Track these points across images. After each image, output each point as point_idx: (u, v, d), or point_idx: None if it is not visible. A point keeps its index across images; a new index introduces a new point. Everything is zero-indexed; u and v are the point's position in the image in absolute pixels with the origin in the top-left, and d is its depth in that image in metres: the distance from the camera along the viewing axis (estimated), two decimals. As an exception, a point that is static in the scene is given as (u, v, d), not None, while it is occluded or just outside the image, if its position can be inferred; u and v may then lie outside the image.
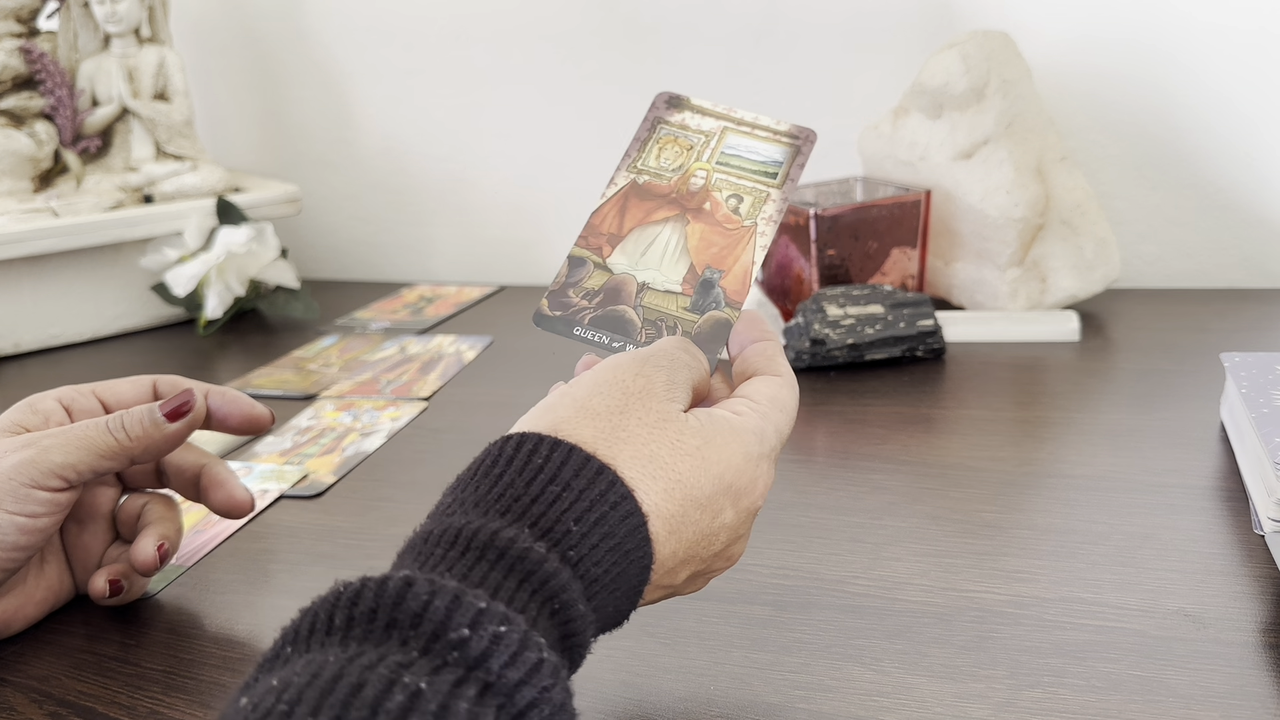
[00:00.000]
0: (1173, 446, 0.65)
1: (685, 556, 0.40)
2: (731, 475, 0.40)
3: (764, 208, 0.50)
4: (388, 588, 0.31)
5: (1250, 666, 0.45)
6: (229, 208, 1.03)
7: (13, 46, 1.02)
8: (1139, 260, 1.00)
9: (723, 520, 0.40)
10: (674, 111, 0.53)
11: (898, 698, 0.44)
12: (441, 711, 0.28)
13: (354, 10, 1.19)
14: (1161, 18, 0.95)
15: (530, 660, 0.30)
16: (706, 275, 0.49)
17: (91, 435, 0.49)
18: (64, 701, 0.47)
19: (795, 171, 0.51)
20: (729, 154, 0.52)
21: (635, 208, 0.50)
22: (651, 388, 0.41)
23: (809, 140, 0.52)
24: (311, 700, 0.27)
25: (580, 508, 0.36)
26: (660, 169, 0.51)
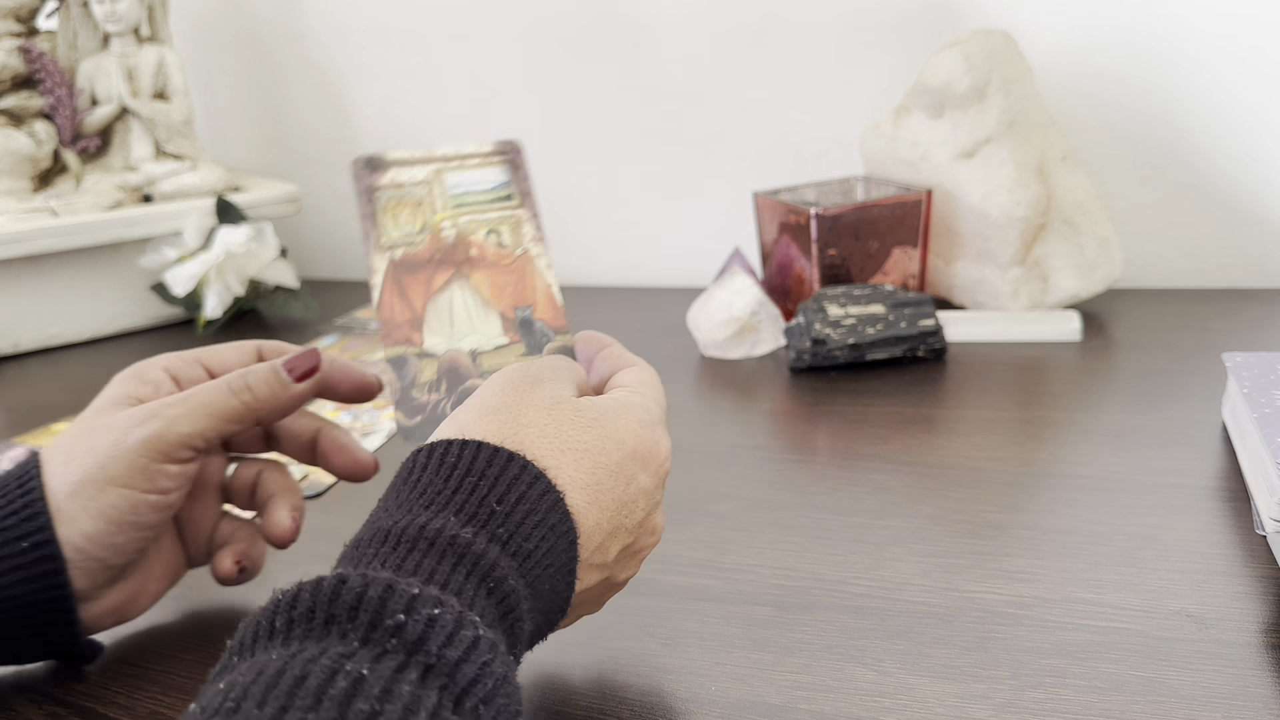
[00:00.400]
0: (1174, 446, 0.65)
1: (610, 528, 0.41)
2: (633, 441, 0.42)
3: (523, 231, 0.50)
4: (323, 586, 0.31)
5: (1252, 667, 0.45)
6: (228, 207, 1.03)
7: (12, 46, 1.02)
8: (1141, 260, 1.00)
9: (638, 485, 0.42)
10: (379, 174, 0.51)
11: (899, 698, 0.44)
12: (385, 695, 0.28)
13: (353, 10, 1.19)
14: (1162, 18, 0.95)
15: (467, 638, 0.31)
16: (520, 316, 0.49)
17: (215, 400, 0.47)
18: (63, 701, 0.47)
19: (525, 185, 0.51)
20: (457, 194, 0.51)
21: (411, 284, 0.49)
22: (540, 377, 0.43)
23: (517, 151, 0.52)
24: (257, 695, 0.28)
25: (499, 490, 0.37)
26: (407, 236, 0.50)
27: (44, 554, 0.45)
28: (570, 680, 0.47)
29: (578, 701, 0.45)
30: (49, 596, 0.45)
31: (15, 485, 0.46)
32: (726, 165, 1.09)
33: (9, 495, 0.46)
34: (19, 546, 0.45)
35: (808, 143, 1.06)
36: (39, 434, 0.79)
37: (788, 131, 1.06)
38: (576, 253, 1.16)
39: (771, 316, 0.87)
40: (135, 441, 0.45)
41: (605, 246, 1.15)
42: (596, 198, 1.14)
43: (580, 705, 0.45)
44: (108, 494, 0.45)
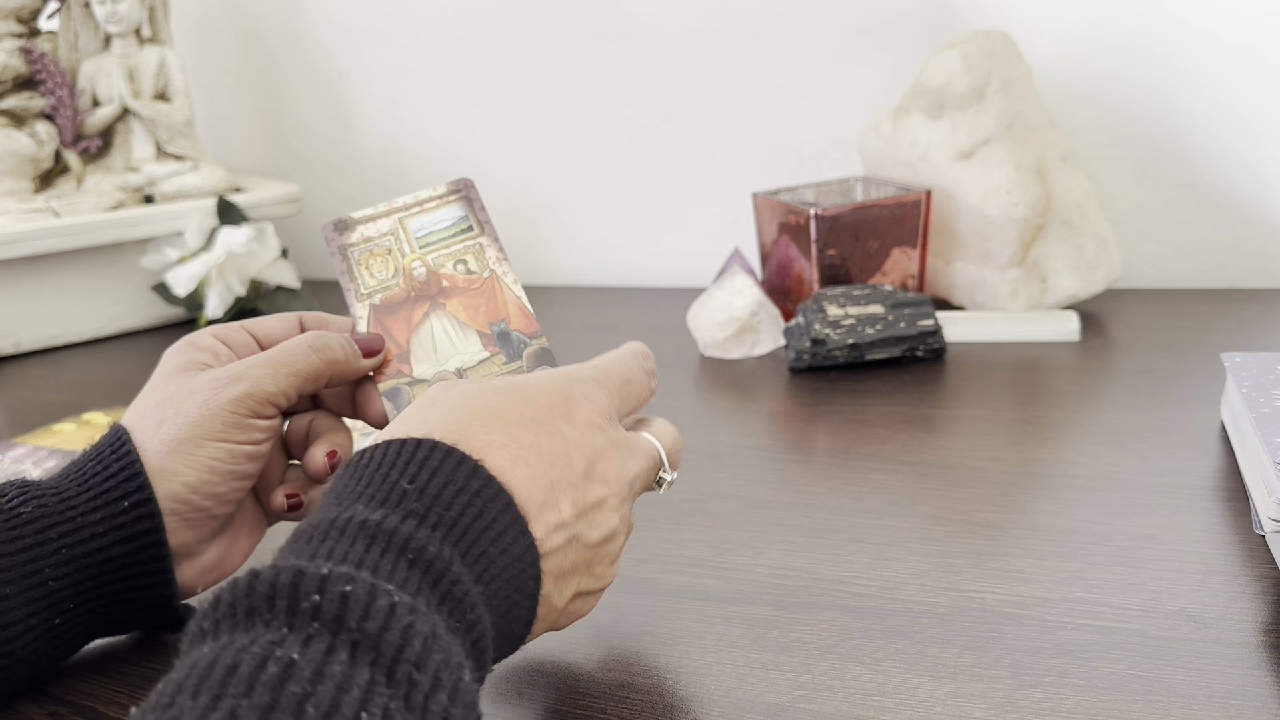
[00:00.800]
0: (1173, 446, 0.65)
1: (548, 481, 0.40)
2: (545, 397, 0.42)
3: (487, 255, 0.54)
4: (238, 583, 0.32)
5: (1251, 667, 0.45)
6: (229, 208, 1.03)
7: (13, 47, 1.02)
8: (1140, 260, 1.00)
9: (564, 436, 0.42)
10: (348, 234, 0.56)
11: (899, 698, 0.44)
12: (316, 677, 0.29)
13: (353, 10, 1.19)
14: (1161, 19, 0.95)
15: (382, 607, 0.31)
16: (497, 329, 0.53)
17: (299, 359, 0.49)
18: (64, 701, 0.47)
19: (482, 214, 0.56)
20: (421, 236, 0.55)
21: (393, 324, 0.53)
22: (453, 384, 0.44)
23: (469, 186, 0.56)
24: (190, 687, 0.28)
25: (410, 472, 0.38)
26: (383, 283, 0.54)
27: (143, 512, 0.47)
28: (570, 679, 0.47)
29: (577, 701, 0.45)
30: (148, 556, 0.48)
31: (109, 451, 0.48)
32: (726, 166, 1.09)
33: (104, 460, 0.48)
34: (120, 506, 0.47)
35: (807, 143, 1.06)
36: (40, 434, 0.79)
37: (787, 132, 1.06)
38: (577, 253, 1.16)
39: (771, 317, 0.87)
40: (227, 399, 0.48)
41: (605, 246, 1.15)
42: (596, 198, 1.14)
43: (579, 704, 0.45)
44: (207, 448, 0.48)
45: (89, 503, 0.47)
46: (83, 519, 0.47)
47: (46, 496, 0.47)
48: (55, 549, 0.46)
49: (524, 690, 0.46)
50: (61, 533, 0.46)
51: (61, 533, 0.46)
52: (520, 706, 0.45)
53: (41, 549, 0.46)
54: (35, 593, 0.45)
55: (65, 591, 0.46)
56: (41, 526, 0.46)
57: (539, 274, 1.16)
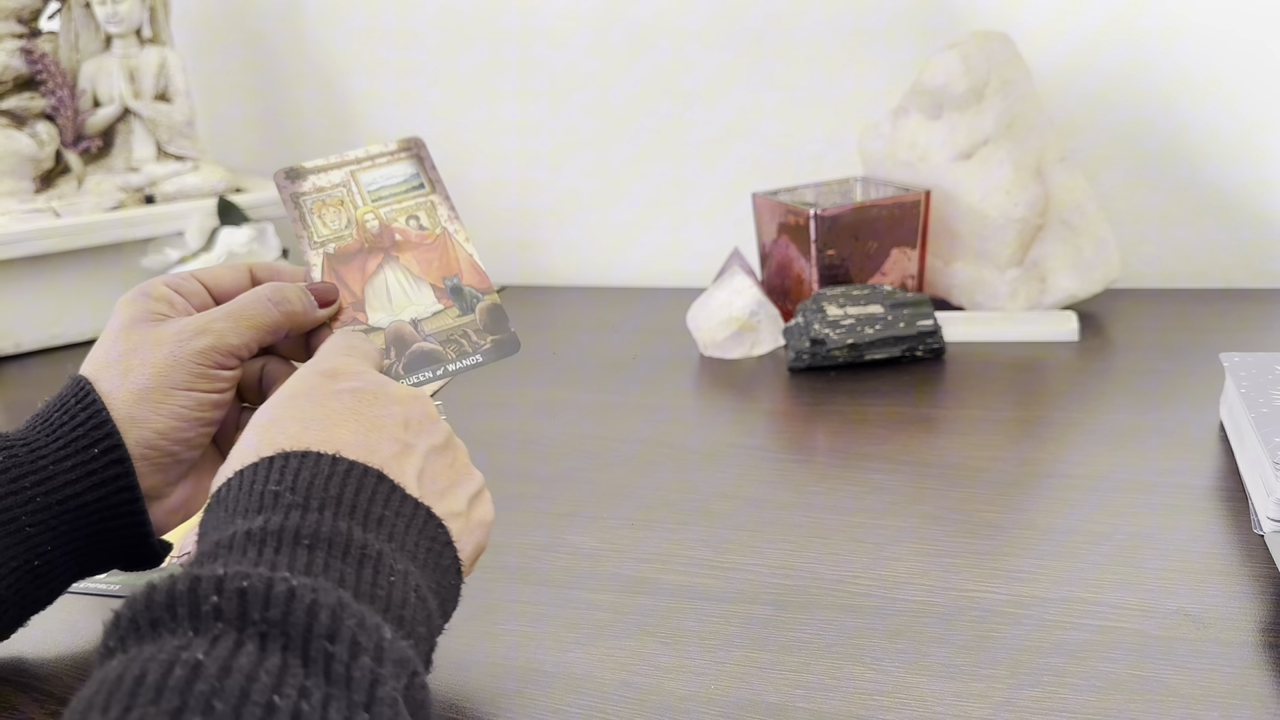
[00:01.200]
0: (1172, 446, 0.65)
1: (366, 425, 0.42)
2: (301, 382, 0.45)
3: (438, 212, 0.56)
4: (136, 598, 0.32)
5: (1250, 666, 0.45)
6: (230, 208, 1.04)
7: (14, 47, 1.02)
8: (1138, 260, 1.00)
9: (346, 388, 0.44)
10: (300, 182, 0.57)
11: (898, 697, 0.44)
12: (223, 672, 0.29)
13: (354, 11, 1.19)
14: (1161, 18, 0.95)
15: (281, 593, 0.32)
16: (449, 284, 0.54)
17: (259, 312, 0.51)
18: (65, 701, 0.47)
19: (434, 173, 0.57)
20: (373, 189, 0.57)
21: (348, 273, 0.55)
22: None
23: (420, 145, 0.58)
24: (100, 703, 0.28)
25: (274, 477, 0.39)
26: (337, 233, 0.56)
27: (113, 458, 0.48)
28: (570, 678, 0.47)
29: (576, 700, 0.45)
30: (121, 499, 0.49)
31: (74, 401, 0.50)
32: (726, 166, 1.09)
33: (70, 410, 0.49)
34: (91, 453, 0.48)
35: (807, 144, 1.06)
36: (41, 434, 0.79)
37: (787, 132, 1.07)
38: (577, 253, 1.16)
39: (770, 317, 0.87)
40: (192, 351, 0.49)
41: (605, 246, 1.15)
42: (596, 198, 1.14)
43: (579, 704, 0.45)
44: (175, 397, 0.49)
45: (58, 451, 0.48)
46: (54, 467, 0.48)
47: (16, 447, 0.48)
48: (29, 497, 0.47)
49: (524, 690, 0.46)
50: (34, 481, 0.47)
51: (34, 481, 0.47)
52: (520, 706, 0.45)
53: (15, 498, 0.47)
54: (12, 539, 0.46)
55: (42, 536, 0.47)
56: (13, 476, 0.47)
57: (539, 274, 1.16)
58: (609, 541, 0.58)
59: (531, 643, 0.49)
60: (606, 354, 0.90)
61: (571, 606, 0.52)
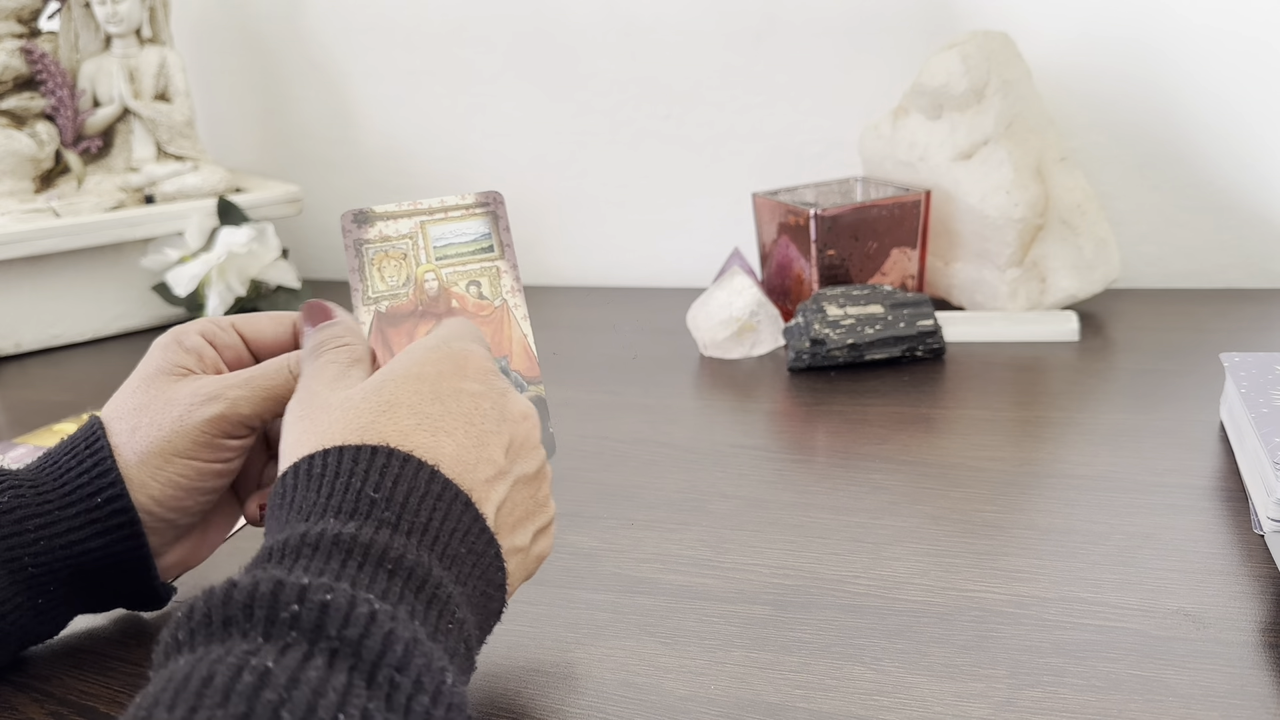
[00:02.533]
0: (1172, 446, 0.66)
1: (474, 440, 0.41)
2: (433, 366, 0.42)
3: (501, 282, 0.53)
4: (214, 593, 0.32)
5: (1250, 666, 0.45)
6: (230, 208, 1.04)
7: (14, 47, 1.02)
8: (1139, 260, 1.00)
9: (468, 392, 0.42)
10: (367, 228, 0.53)
11: (898, 697, 0.44)
12: (292, 683, 0.29)
13: (354, 11, 1.19)
14: (1161, 18, 0.95)
15: (363, 615, 0.31)
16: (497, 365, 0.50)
17: (278, 384, 0.49)
18: (65, 701, 0.48)
19: (505, 235, 0.53)
20: (440, 246, 0.53)
21: (395, 337, 0.51)
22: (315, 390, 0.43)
23: (498, 201, 0.54)
24: (166, 701, 0.28)
25: (374, 480, 0.38)
26: (393, 289, 0.52)
27: (118, 507, 0.48)
28: (570, 678, 0.47)
29: (577, 700, 0.45)
30: (126, 548, 0.48)
31: (84, 446, 0.49)
32: (726, 166, 1.09)
33: (79, 455, 0.48)
34: (94, 502, 0.48)
35: (807, 144, 1.06)
36: (41, 434, 0.79)
37: (787, 132, 1.07)
38: (577, 253, 1.16)
39: (770, 317, 0.87)
40: (200, 419, 0.48)
41: (605, 246, 1.16)
42: (596, 198, 1.15)
43: (579, 703, 0.45)
44: (174, 464, 0.48)
45: (64, 497, 0.48)
46: (59, 513, 0.47)
47: (24, 487, 0.48)
48: (33, 539, 0.47)
49: (524, 690, 0.46)
50: (38, 524, 0.47)
51: (38, 524, 0.47)
52: (520, 706, 0.45)
53: (19, 538, 0.46)
54: (16, 576, 0.46)
55: (45, 577, 0.47)
56: (18, 517, 0.47)
57: (539, 274, 1.16)
58: (609, 541, 0.58)
59: (531, 643, 0.49)
60: (606, 354, 0.90)
61: (571, 606, 0.52)
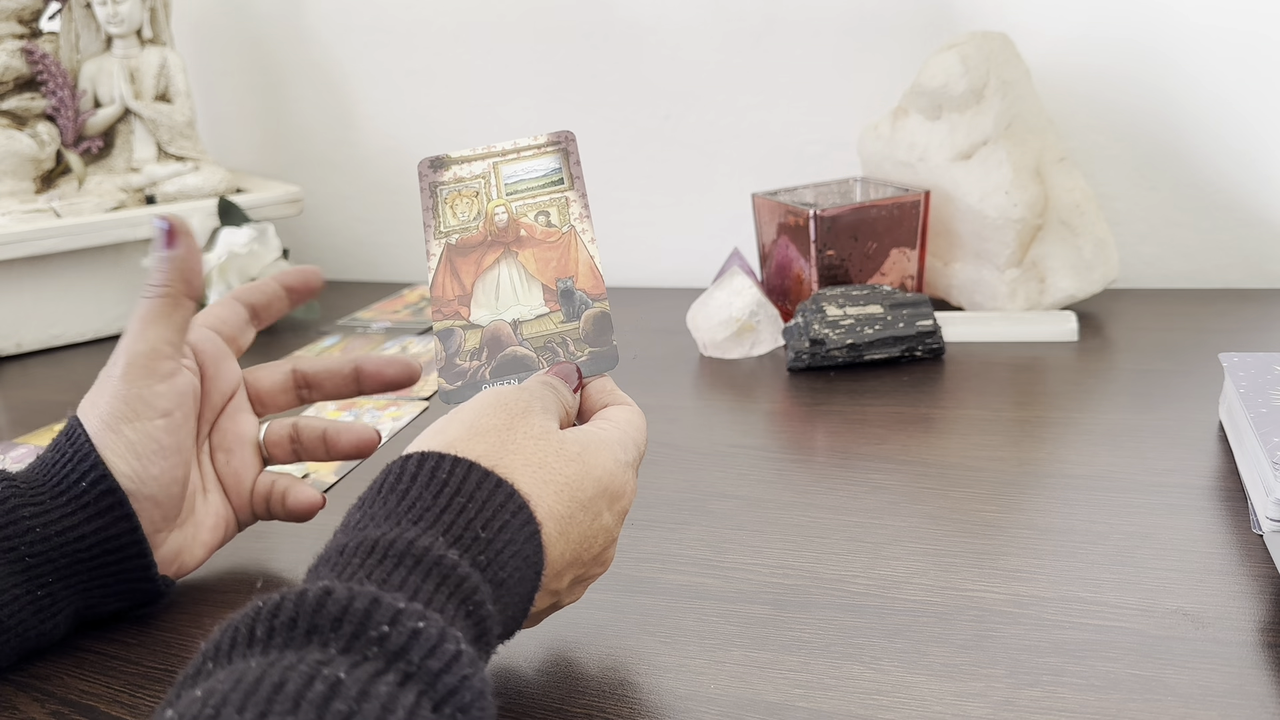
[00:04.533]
0: (1171, 446, 0.66)
1: (571, 559, 0.42)
2: (608, 479, 0.44)
3: (570, 209, 0.54)
4: (307, 597, 0.32)
5: (1249, 666, 0.45)
6: (231, 208, 1.04)
7: (15, 47, 1.02)
8: (1138, 260, 1.00)
9: (601, 522, 0.44)
10: (442, 171, 0.55)
11: (897, 696, 0.44)
12: (362, 696, 0.29)
13: (354, 11, 1.19)
14: (1160, 18, 0.95)
15: (450, 651, 0.32)
16: (562, 286, 0.52)
17: (147, 308, 0.50)
18: (66, 700, 0.48)
19: (576, 169, 0.55)
20: (512, 182, 0.54)
21: (463, 265, 0.53)
22: (531, 406, 0.44)
23: (570, 139, 0.56)
24: (236, 701, 0.28)
25: (484, 516, 0.39)
26: (464, 224, 0.54)
27: (104, 488, 0.49)
28: (570, 678, 0.47)
29: (577, 699, 0.46)
30: (119, 530, 0.49)
31: (64, 438, 0.50)
32: (725, 166, 1.09)
33: (60, 447, 0.50)
34: (80, 486, 0.48)
35: (806, 144, 1.06)
36: (42, 434, 0.79)
37: (786, 133, 1.07)
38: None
39: (770, 317, 0.87)
40: (117, 378, 0.49)
41: (605, 246, 1.15)
42: (596, 198, 1.14)
43: (579, 703, 0.45)
44: (123, 432, 0.49)
45: (54, 487, 0.49)
46: (50, 501, 0.48)
47: (18, 482, 0.49)
48: (28, 528, 0.48)
49: (524, 690, 0.46)
50: (32, 513, 0.48)
51: (32, 513, 0.48)
52: (520, 706, 0.45)
53: (15, 527, 0.47)
54: (13, 567, 0.47)
55: (43, 567, 0.48)
56: (11, 506, 0.48)
57: (539, 274, 1.16)
58: (609, 541, 0.58)
59: (532, 643, 0.50)
60: (606, 354, 0.90)
61: (572, 606, 0.52)
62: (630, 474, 0.46)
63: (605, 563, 0.46)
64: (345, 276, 1.26)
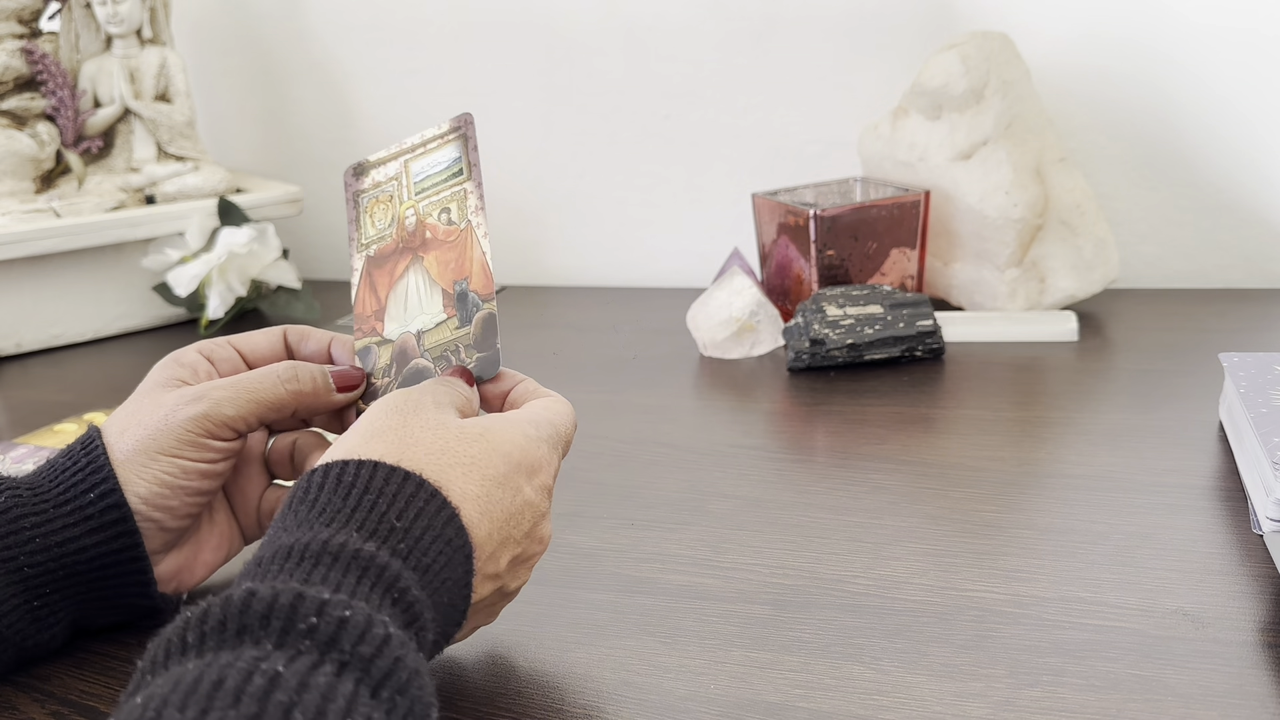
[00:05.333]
0: (1171, 446, 0.66)
1: (501, 538, 0.42)
2: (518, 453, 0.44)
3: (468, 202, 0.51)
4: (232, 600, 0.33)
5: (1249, 666, 0.45)
6: (230, 208, 1.04)
7: (15, 47, 1.02)
8: (1138, 260, 1.00)
9: (524, 497, 0.44)
10: (363, 178, 0.55)
11: (897, 696, 0.44)
12: (301, 687, 0.29)
13: (354, 11, 1.19)
14: (1160, 18, 0.95)
15: (379, 635, 0.32)
16: (458, 289, 0.51)
17: (263, 388, 0.50)
18: (66, 701, 0.48)
19: (474, 155, 0.52)
20: (419, 180, 0.53)
21: (380, 277, 0.53)
22: (422, 402, 0.45)
23: (468, 123, 0.53)
24: (176, 701, 0.28)
25: (397, 508, 0.39)
26: (380, 233, 0.53)
27: (110, 503, 0.48)
28: (570, 678, 0.47)
29: (576, 699, 0.46)
30: (120, 545, 0.49)
31: (79, 448, 0.50)
32: (725, 166, 1.09)
33: (74, 456, 0.49)
34: (87, 498, 0.48)
35: (806, 144, 1.06)
36: (42, 434, 0.79)
37: (786, 133, 1.07)
38: (577, 253, 1.16)
39: (770, 317, 0.87)
40: (183, 418, 0.49)
41: (605, 246, 1.16)
42: (596, 198, 1.15)
43: (579, 703, 0.45)
44: (160, 461, 0.49)
45: (59, 496, 0.48)
46: (54, 510, 0.48)
47: (21, 490, 0.49)
48: (28, 538, 0.47)
49: (524, 690, 0.46)
50: (34, 523, 0.48)
51: (34, 523, 0.48)
52: (520, 706, 0.45)
53: (15, 537, 0.47)
54: (12, 577, 0.47)
55: (42, 578, 0.48)
56: (14, 516, 0.47)
57: (539, 274, 1.16)
58: (609, 541, 0.58)
59: (532, 643, 0.50)
60: (606, 354, 0.90)
61: (571, 606, 0.52)
62: (545, 448, 0.45)
63: (543, 539, 0.46)
64: (345, 276, 1.26)
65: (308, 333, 0.55)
